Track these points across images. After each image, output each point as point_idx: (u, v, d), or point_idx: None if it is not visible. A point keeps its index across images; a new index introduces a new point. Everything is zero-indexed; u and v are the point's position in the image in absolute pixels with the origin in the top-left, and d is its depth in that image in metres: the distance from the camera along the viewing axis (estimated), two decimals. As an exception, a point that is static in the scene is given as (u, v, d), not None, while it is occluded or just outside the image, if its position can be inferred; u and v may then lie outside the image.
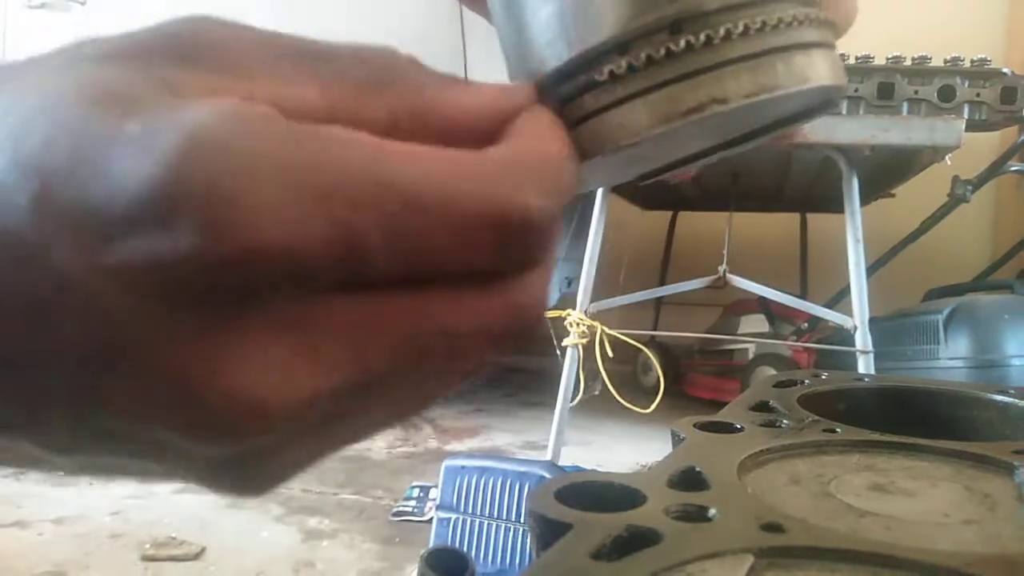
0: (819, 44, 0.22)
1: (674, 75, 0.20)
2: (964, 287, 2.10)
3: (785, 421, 0.32)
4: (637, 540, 0.21)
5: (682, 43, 0.20)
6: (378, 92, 0.20)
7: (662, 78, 0.21)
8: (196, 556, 1.26)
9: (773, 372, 1.67)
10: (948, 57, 1.63)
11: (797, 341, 2.22)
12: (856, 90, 1.60)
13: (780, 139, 1.48)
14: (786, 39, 0.21)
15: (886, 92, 1.59)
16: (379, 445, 2.03)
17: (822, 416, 0.33)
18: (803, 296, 2.43)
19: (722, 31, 0.20)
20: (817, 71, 0.22)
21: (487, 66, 1.83)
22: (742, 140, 0.27)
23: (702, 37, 0.20)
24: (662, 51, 0.20)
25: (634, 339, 1.56)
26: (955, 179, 1.86)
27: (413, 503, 1.51)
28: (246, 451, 0.17)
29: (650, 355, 1.67)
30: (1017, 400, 0.36)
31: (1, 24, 2.39)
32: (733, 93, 0.20)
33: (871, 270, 1.78)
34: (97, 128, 0.16)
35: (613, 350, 1.51)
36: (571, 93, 0.22)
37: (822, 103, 0.25)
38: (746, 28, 0.20)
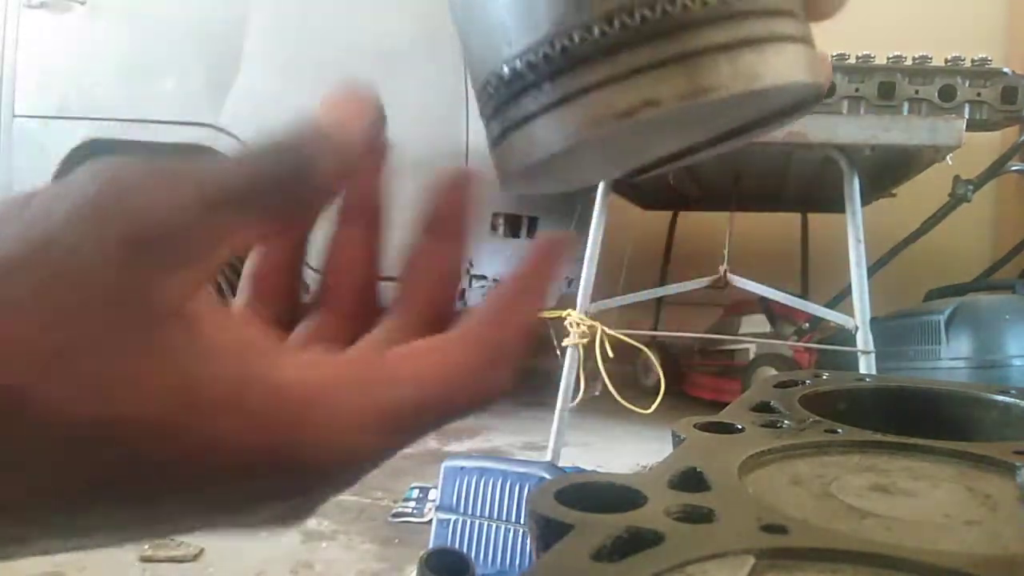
0: (776, 38, 0.20)
1: (605, 77, 0.19)
2: (965, 287, 2.10)
3: (786, 422, 0.32)
4: (638, 541, 0.21)
5: (611, 42, 0.19)
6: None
7: (594, 80, 0.19)
8: (194, 557, 1.26)
9: (774, 372, 1.66)
10: (949, 57, 1.63)
11: (798, 341, 2.22)
12: (857, 90, 1.60)
13: (768, 137, 1.47)
14: (731, 35, 0.19)
15: (887, 92, 1.59)
16: (379, 445, 2.03)
17: (823, 417, 0.33)
18: (804, 296, 2.43)
19: (652, 27, 0.19)
20: (773, 69, 0.19)
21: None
22: (728, 137, 0.25)
23: (632, 34, 0.19)
24: (594, 51, 0.19)
25: (634, 339, 1.56)
26: (956, 179, 1.85)
27: (412, 504, 1.51)
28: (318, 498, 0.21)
29: (651, 355, 1.67)
30: (1018, 400, 0.36)
31: (1, 24, 2.39)
32: (667, 95, 0.19)
33: (872, 270, 1.78)
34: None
35: (613, 350, 1.51)
36: (510, 97, 0.21)
37: (801, 100, 0.23)
38: (681, 24, 0.19)
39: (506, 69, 0.21)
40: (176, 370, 0.17)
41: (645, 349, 1.67)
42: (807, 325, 2.27)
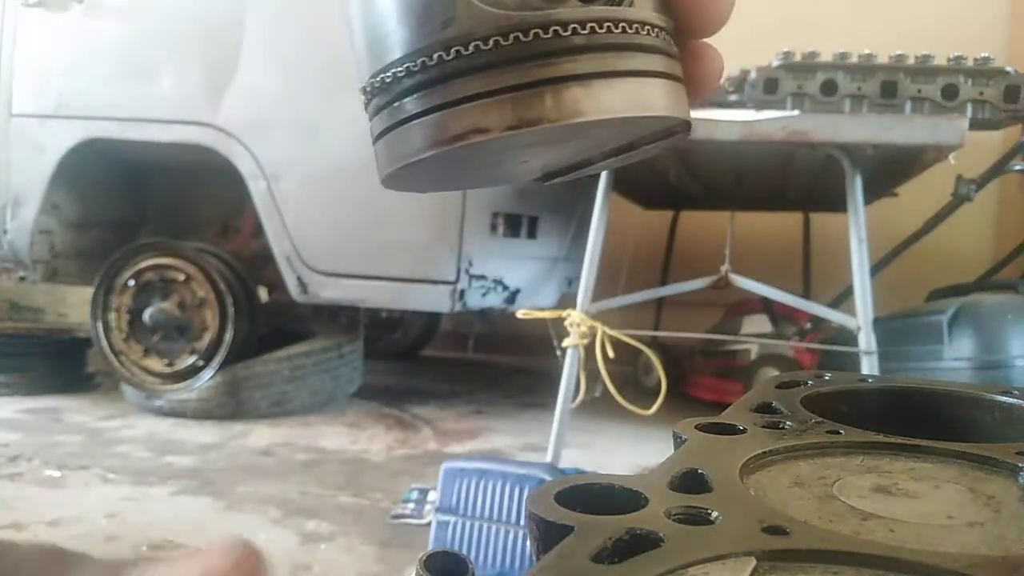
0: (613, 74, 0.21)
1: (442, 102, 0.21)
2: (968, 287, 2.10)
3: (788, 423, 0.32)
4: (638, 543, 0.20)
5: (448, 71, 0.20)
6: None
7: (432, 104, 0.21)
8: (196, 557, 1.26)
9: (776, 373, 1.66)
10: (951, 56, 1.62)
11: (800, 342, 2.22)
12: (859, 88, 1.60)
13: (770, 137, 1.47)
14: (560, 70, 0.20)
15: (889, 91, 1.59)
16: (377, 447, 2.03)
17: (825, 417, 0.33)
18: (806, 296, 2.42)
19: (485, 59, 0.20)
20: (596, 104, 0.20)
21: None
22: (617, 153, 0.26)
23: (465, 64, 0.20)
24: (433, 78, 0.21)
25: (635, 340, 1.56)
26: (959, 178, 1.85)
27: (412, 506, 1.51)
28: None
29: (651, 356, 1.67)
30: (1022, 401, 0.36)
31: None
32: (495, 124, 0.20)
33: (874, 270, 1.78)
34: None
35: (614, 351, 1.51)
36: (372, 110, 0.23)
37: (667, 129, 0.24)
38: (513, 58, 0.20)
39: (367, 84, 0.23)
40: None
41: (646, 350, 1.67)
42: (809, 325, 2.27)
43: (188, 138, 2.26)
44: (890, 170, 1.83)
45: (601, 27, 0.21)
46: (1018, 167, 2.01)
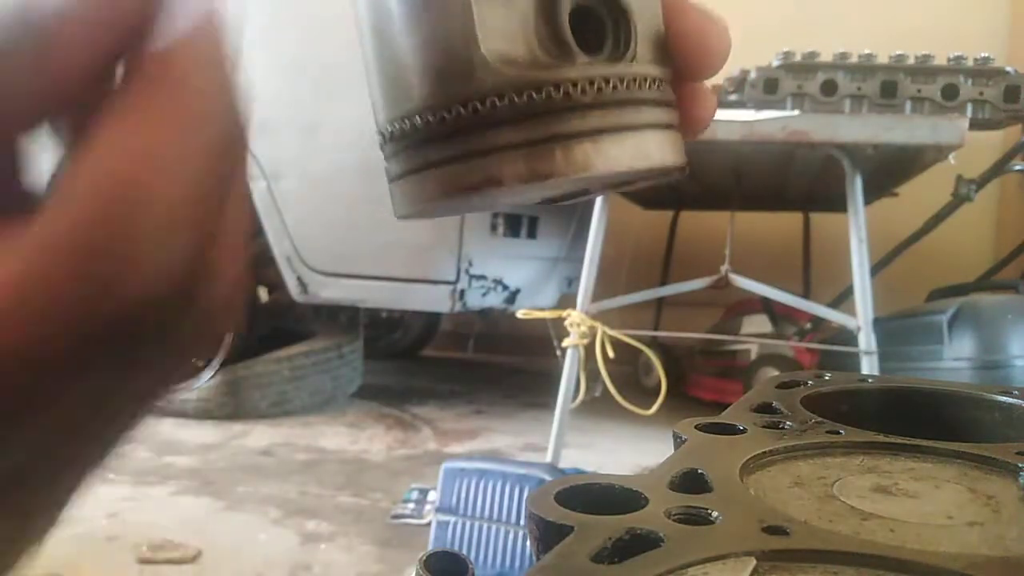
0: (620, 128, 0.22)
1: (459, 153, 0.22)
2: (968, 287, 2.10)
3: (788, 423, 0.32)
4: (638, 543, 0.20)
5: (465, 123, 0.22)
6: None
7: (449, 155, 0.23)
8: (193, 559, 1.26)
9: (776, 373, 1.66)
10: (951, 56, 1.62)
11: (800, 342, 2.22)
12: (859, 88, 1.60)
13: (770, 137, 1.47)
14: (571, 126, 0.22)
15: (889, 90, 1.59)
16: (377, 447, 2.03)
17: (825, 417, 0.33)
18: (806, 296, 2.42)
19: (500, 115, 0.22)
20: (605, 158, 0.22)
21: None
22: (617, 185, 0.27)
23: (481, 120, 0.22)
24: (450, 130, 0.22)
25: (635, 340, 1.56)
26: (959, 178, 1.85)
27: (412, 506, 1.51)
28: None
29: (651, 356, 1.67)
30: (1022, 401, 0.36)
31: None
32: (508, 176, 0.22)
33: (875, 270, 1.78)
34: None
35: (614, 351, 1.51)
36: (390, 153, 0.25)
37: (663, 171, 0.25)
38: (526, 113, 0.22)
39: (385, 127, 0.24)
40: None
41: (646, 350, 1.67)
42: (809, 325, 2.27)
43: (188, 138, 2.26)
44: (890, 170, 1.83)
45: (608, 84, 0.22)
46: (1018, 167, 2.01)
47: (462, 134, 0.22)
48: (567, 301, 1.59)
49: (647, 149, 0.23)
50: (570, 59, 0.22)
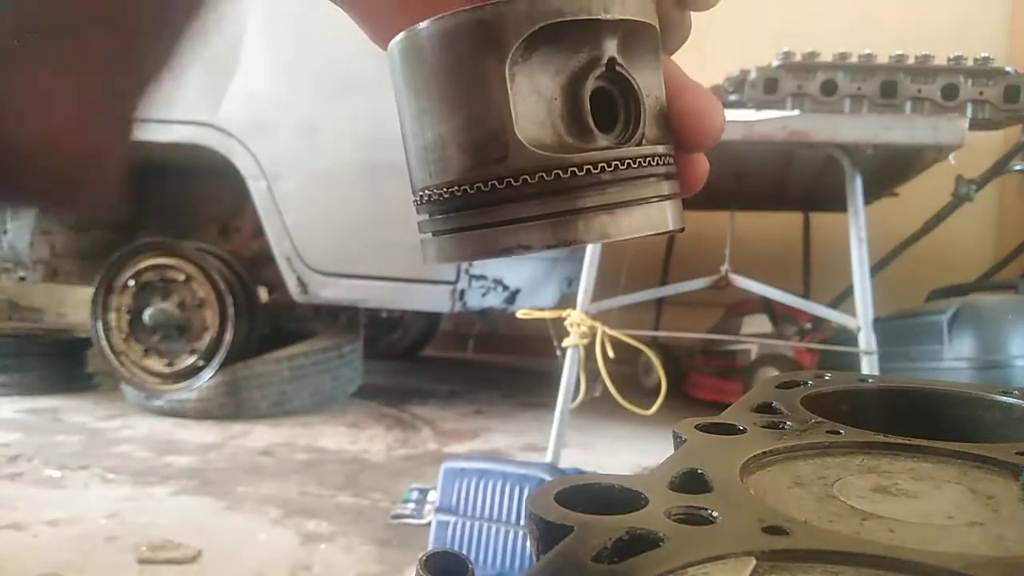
0: (631, 202, 0.27)
1: (492, 220, 0.26)
2: (968, 287, 2.10)
3: (788, 423, 0.32)
4: (638, 543, 0.20)
5: (499, 197, 0.26)
6: None
7: (485, 221, 0.27)
8: (192, 559, 1.26)
9: (776, 373, 1.66)
10: (951, 56, 1.62)
11: (800, 342, 2.22)
12: (859, 88, 1.60)
13: (770, 136, 1.47)
14: (589, 201, 0.26)
15: (889, 90, 1.59)
16: (377, 447, 2.03)
17: (825, 417, 0.33)
18: (806, 296, 2.42)
19: (532, 190, 0.26)
20: (618, 228, 0.26)
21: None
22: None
23: (514, 193, 0.26)
24: (484, 201, 0.26)
25: (635, 340, 1.56)
26: (959, 178, 1.85)
27: (412, 506, 1.51)
28: None
29: (651, 356, 1.67)
30: (1021, 401, 0.36)
31: None
32: (537, 242, 0.26)
33: (875, 270, 1.78)
34: None
35: (614, 351, 1.51)
36: (425, 214, 0.29)
37: (658, 235, 0.29)
38: (555, 190, 0.26)
39: (424, 192, 0.28)
40: None
41: (646, 350, 1.67)
42: (809, 325, 2.27)
43: (188, 138, 2.26)
44: (890, 170, 1.83)
45: (623, 164, 0.26)
46: (1018, 167, 2.01)
47: (496, 205, 0.26)
48: (567, 301, 1.59)
49: (654, 218, 0.27)
50: (591, 141, 0.26)
